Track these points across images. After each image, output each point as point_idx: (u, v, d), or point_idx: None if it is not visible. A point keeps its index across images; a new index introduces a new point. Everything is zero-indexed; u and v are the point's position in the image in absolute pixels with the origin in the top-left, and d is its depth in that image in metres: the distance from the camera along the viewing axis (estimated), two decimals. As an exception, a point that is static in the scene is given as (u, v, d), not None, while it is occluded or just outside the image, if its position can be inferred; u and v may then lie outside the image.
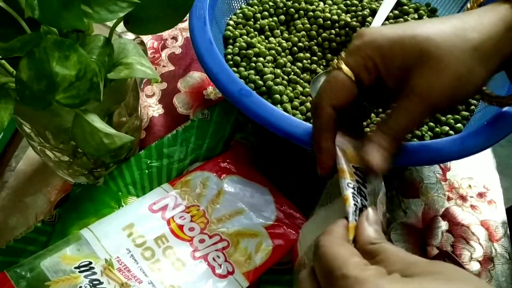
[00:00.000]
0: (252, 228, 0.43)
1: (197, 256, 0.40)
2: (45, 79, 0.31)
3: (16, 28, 0.33)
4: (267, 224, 0.43)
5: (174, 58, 0.61)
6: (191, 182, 0.45)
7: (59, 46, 0.31)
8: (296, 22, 0.56)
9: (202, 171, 0.46)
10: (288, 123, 0.41)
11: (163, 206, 0.42)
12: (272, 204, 0.45)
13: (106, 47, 0.36)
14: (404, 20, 0.55)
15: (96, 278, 0.37)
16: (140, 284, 0.37)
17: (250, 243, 0.42)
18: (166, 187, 0.44)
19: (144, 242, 0.40)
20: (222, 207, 0.43)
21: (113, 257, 0.38)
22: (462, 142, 0.41)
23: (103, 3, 0.33)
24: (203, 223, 0.42)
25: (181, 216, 0.42)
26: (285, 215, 0.44)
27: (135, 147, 0.50)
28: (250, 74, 0.50)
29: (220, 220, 0.43)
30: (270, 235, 0.43)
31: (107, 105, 0.40)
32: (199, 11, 0.49)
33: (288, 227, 0.43)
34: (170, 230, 0.41)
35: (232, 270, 0.40)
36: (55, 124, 0.39)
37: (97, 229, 0.40)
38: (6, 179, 0.50)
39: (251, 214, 0.44)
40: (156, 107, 0.56)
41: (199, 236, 0.41)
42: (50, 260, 0.37)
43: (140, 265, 0.38)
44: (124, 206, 0.44)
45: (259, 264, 0.41)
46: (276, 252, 0.42)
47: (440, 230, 0.49)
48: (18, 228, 0.47)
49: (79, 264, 0.37)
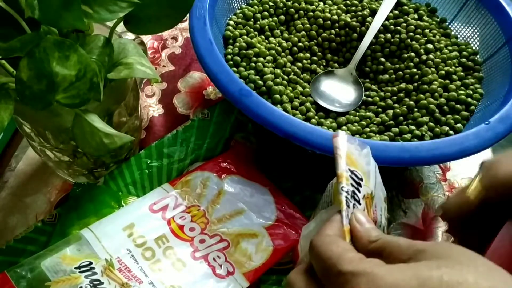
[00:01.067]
0: (252, 228, 0.43)
1: (197, 256, 0.40)
2: (45, 79, 0.31)
3: (16, 28, 0.33)
4: (268, 225, 0.43)
5: (174, 58, 0.61)
6: (191, 182, 0.45)
7: (59, 46, 0.31)
8: (296, 22, 0.56)
9: (203, 171, 0.46)
10: (288, 123, 0.41)
11: (163, 206, 0.42)
12: (272, 204, 0.45)
13: (106, 47, 0.36)
14: (404, 20, 0.55)
15: (97, 279, 0.37)
16: (140, 284, 0.37)
17: (250, 244, 0.42)
18: (166, 187, 0.44)
19: (145, 242, 0.40)
20: (222, 207, 0.43)
21: (114, 257, 0.38)
22: (462, 142, 0.41)
23: (103, 3, 0.33)
24: (204, 223, 0.42)
25: (182, 216, 0.42)
26: (286, 215, 0.44)
27: (135, 147, 0.50)
28: (250, 74, 0.50)
29: (220, 220, 0.43)
30: (271, 235, 0.43)
31: (107, 105, 0.40)
32: (199, 11, 0.49)
33: (288, 227, 0.43)
34: (170, 230, 0.41)
35: (233, 271, 0.40)
36: (55, 124, 0.39)
37: (98, 229, 0.40)
38: (6, 179, 0.50)
39: (251, 214, 0.44)
40: (156, 107, 0.56)
41: (200, 236, 0.41)
42: (51, 260, 0.37)
43: (140, 265, 0.38)
44: (125, 206, 0.44)
45: (259, 264, 0.41)
46: (277, 252, 0.42)
47: (440, 230, 0.49)
48: (18, 228, 0.47)
49: (80, 264, 0.37)
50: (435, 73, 0.51)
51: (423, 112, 0.48)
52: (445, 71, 0.51)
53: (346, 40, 0.55)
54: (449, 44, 0.54)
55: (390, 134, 0.47)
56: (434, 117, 0.48)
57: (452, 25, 0.57)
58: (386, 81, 0.53)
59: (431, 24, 0.56)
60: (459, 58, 0.53)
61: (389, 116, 0.49)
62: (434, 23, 0.56)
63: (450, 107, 0.48)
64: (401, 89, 0.51)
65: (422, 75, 0.51)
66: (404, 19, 0.56)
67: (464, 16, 0.56)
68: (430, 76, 0.50)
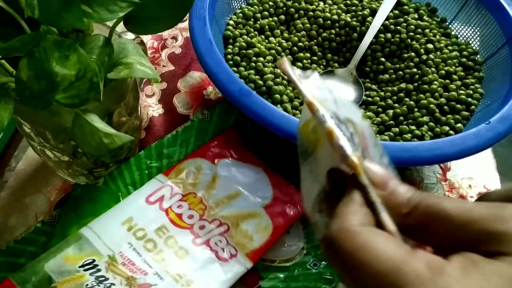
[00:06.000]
0: (250, 209, 0.43)
1: (199, 242, 0.41)
2: (45, 79, 0.31)
3: (16, 28, 0.33)
4: (265, 203, 0.44)
5: (174, 58, 0.61)
6: (185, 170, 0.45)
7: (59, 46, 0.31)
8: (296, 22, 0.56)
9: (195, 158, 0.46)
10: (288, 123, 0.41)
11: (159, 197, 0.43)
12: (267, 183, 0.45)
13: (106, 47, 0.36)
14: (404, 20, 0.55)
15: (102, 275, 0.37)
16: (145, 276, 0.38)
17: (250, 224, 0.42)
18: (160, 178, 0.45)
19: (145, 234, 0.40)
20: (218, 192, 0.44)
21: (116, 252, 0.39)
22: (462, 142, 0.40)
23: (103, 3, 0.33)
24: (202, 210, 0.43)
25: (179, 205, 0.43)
26: (282, 193, 0.45)
27: (135, 147, 0.50)
28: (250, 74, 0.49)
29: (218, 205, 0.43)
30: (269, 214, 0.43)
31: (107, 105, 0.40)
32: (199, 11, 0.49)
33: (286, 204, 0.44)
34: (169, 220, 0.41)
35: (235, 253, 0.41)
36: (55, 124, 0.39)
37: (97, 227, 0.40)
38: (6, 179, 0.50)
39: (248, 195, 0.44)
40: (156, 107, 0.56)
41: (199, 223, 0.42)
42: (54, 262, 0.37)
43: (143, 258, 0.39)
44: (123, 200, 0.44)
45: (261, 244, 0.41)
46: (277, 230, 0.42)
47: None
48: (18, 228, 0.46)
49: (83, 262, 0.37)
50: (435, 73, 0.51)
51: (423, 112, 0.48)
52: (445, 71, 0.51)
53: (346, 40, 0.55)
54: (449, 44, 0.54)
55: (390, 134, 0.47)
56: (434, 117, 0.48)
57: (452, 25, 0.57)
58: (386, 81, 0.53)
59: (431, 24, 0.56)
60: (459, 58, 0.53)
61: (389, 116, 0.49)
62: (434, 23, 0.56)
63: (450, 107, 0.48)
64: (401, 89, 0.51)
65: (422, 75, 0.51)
66: (404, 19, 0.56)
67: (464, 16, 0.56)
68: (430, 76, 0.50)
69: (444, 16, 0.58)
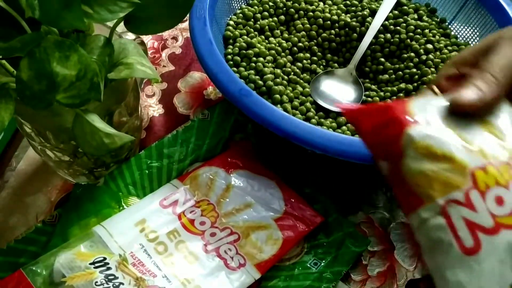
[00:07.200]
0: (261, 220, 0.44)
1: (209, 249, 0.41)
2: (46, 79, 0.31)
3: (17, 28, 0.33)
4: (276, 217, 0.44)
5: (174, 58, 0.61)
6: (200, 177, 0.45)
7: (60, 46, 0.31)
8: (296, 22, 0.56)
9: (210, 166, 0.46)
10: (288, 123, 0.41)
11: (173, 202, 0.43)
12: (279, 197, 0.46)
13: (107, 47, 0.36)
14: (404, 20, 0.55)
15: (111, 273, 0.37)
16: (154, 278, 0.38)
17: (260, 236, 0.42)
18: (175, 183, 0.45)
19: (157, 237, 0.41)
20: (231, 201, 0.44)
21: (127, 253, 0.39)
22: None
23: (104, 3, 0.33)
24: (214, 217, 0.43)
25: (192, 210, 0.43)
26: (293, 207, 0.45)
27: (136, 147, 0.50)
28: (250, 74, 0.50)
29: (229, 214, 0.43)
30: (280, 227, 0.43)
31: (107, 105, 0.40)
32: (199, 11, 0.49)
33: (296, 219, 0.44)
34: (181, 224, 0.42)
35: (244, 262, 0.41)
36: (55, 124, 0.39)
37: (110, 226, 0.41)
38: (7, 179, 0.50)
39: (259, 207, 0.44)
40: (157, 107, 0.56)
41: (210, 230, 0.42)
42: (65, 257, 0.38)
43: (153, 260, 0.39)
44: (131, 205, 0.44)
45: (270, 255, 0.42)
46: (286, 243, 0.43)
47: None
48: (19, 228, 0.47)
49: (94, 260, 0.38)
50: (434, 73, 0.51)
51: (423, 112, 0.48)
52: (445, 71, 0.51)
53: (346, 40, 0.56)
54: (448, 44, 0.54)
55: (390, 134, 0.47)
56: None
57: (452, 25, 0.57)
58: (386, 81, 0.53)
59: (431, 24, 0.56)
60: (459, 58, 0.53)
61: (389, 116, 0.49)
62: (434, 23, 0.56)
63: (450, 107, 0.48)
64: (401, 89, 0.51)
65: (421, 75, 0.51)
66: (404, 19, 0.56)
67: (463, 16, 0.56)
68: (429, 76, 0.50)
69: (443, 16, 0.58)
